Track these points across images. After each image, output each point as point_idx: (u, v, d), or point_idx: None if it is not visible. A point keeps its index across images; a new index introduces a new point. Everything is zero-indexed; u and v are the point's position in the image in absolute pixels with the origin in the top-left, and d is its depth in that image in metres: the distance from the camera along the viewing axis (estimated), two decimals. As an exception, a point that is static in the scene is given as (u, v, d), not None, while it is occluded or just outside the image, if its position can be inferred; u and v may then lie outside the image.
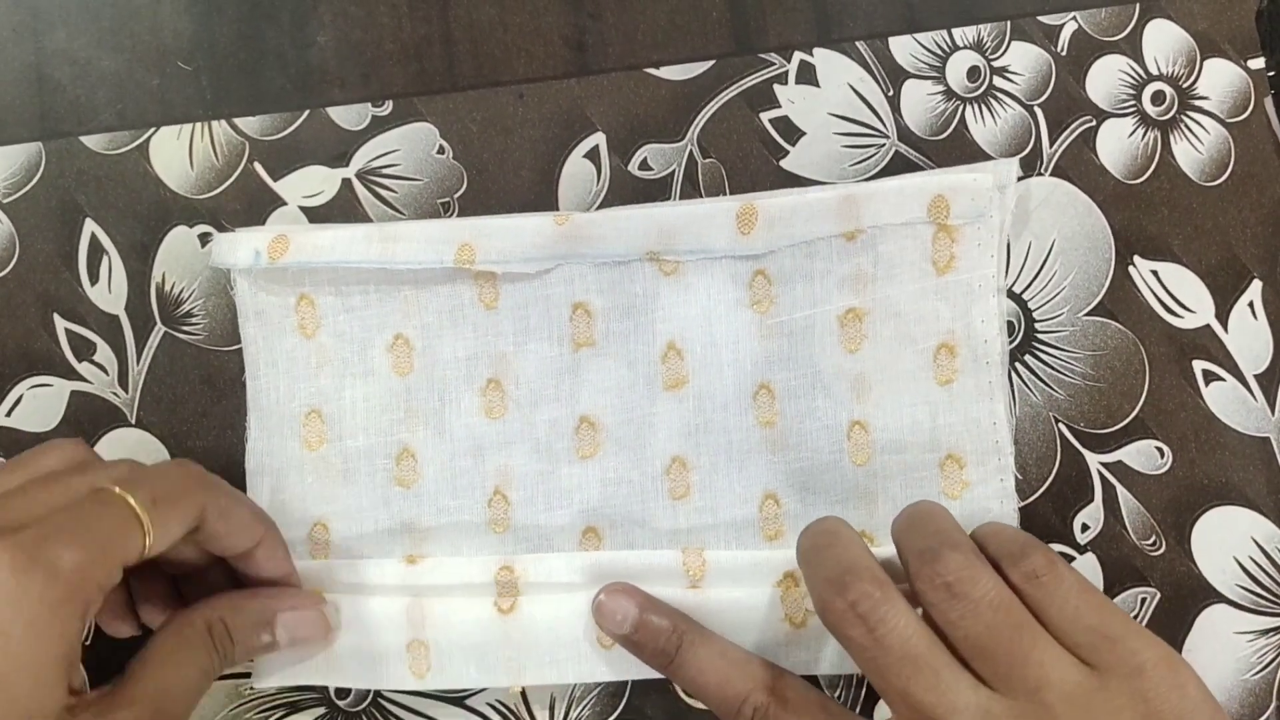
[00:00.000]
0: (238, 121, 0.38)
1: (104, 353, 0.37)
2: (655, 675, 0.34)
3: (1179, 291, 0.36)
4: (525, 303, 0.35)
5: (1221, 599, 0.35)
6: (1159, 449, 0.36)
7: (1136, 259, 0.36)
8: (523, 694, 0.36)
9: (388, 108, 0.37)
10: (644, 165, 0.37)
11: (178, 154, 0.37)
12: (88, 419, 0.37)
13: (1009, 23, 0.37)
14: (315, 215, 0.37)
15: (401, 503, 0.36)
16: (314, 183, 0.37)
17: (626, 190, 0.37)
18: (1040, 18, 0.37)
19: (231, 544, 0.32)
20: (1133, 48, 0.37)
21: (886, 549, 0.33)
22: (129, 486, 0.29)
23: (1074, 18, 0.37)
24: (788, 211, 0.34)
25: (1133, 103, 0.37)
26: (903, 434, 0.35)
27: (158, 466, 0.33)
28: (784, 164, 0.37)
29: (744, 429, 0.35)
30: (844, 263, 0.35)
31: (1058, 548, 0.35)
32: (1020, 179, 0.36)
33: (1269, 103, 0.37)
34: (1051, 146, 0.37)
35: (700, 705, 0.35)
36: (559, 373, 0.35)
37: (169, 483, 0.30)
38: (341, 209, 0.37)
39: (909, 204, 0.34)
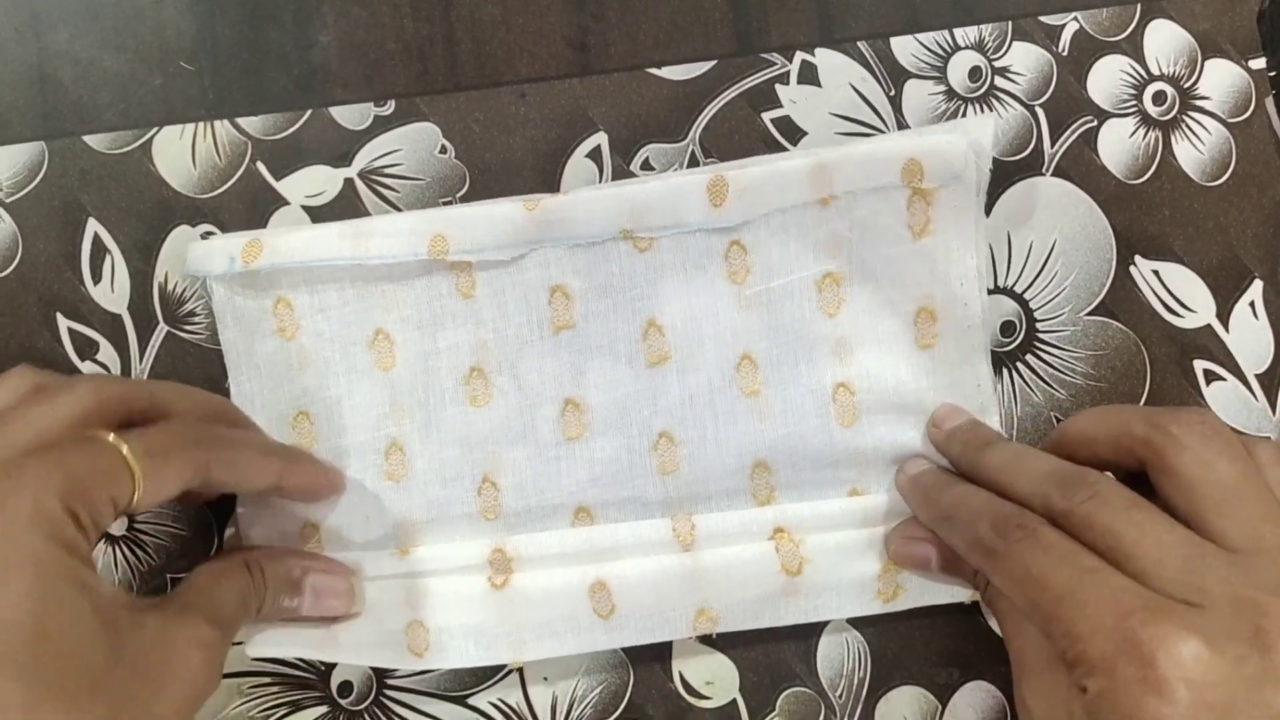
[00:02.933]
0: (240, 121, 0.38)
1: (106, 352, 0.37)
2: (657, 640, 0.35)
3: (1180, 291, 0.36)
4: (502, 289, 0.35)
5: (1222, 598, 0.35)
6: (1160, 448, 0.36)
7: (1137, 259, 0.36)
8: (524, 692, 0.36)
9: (390, 107, 0.37)
10: (646, 165, 0.37)
11: (180, 154, 0.37)
12: (90, 418, 0.37)
13: (1010, 23, 0.37)
14: (318, 215, 0.37)
15: (393, 497, 0.36)
16: (316, 182, 0.37)
17: (628, 190, 0.37)
18: (1041, 18, 0.37)
19: (247, 488, 0.32)
20: (1134, 48, 0.37)
21: (876, 498, 0.34)
22: (123, 435, 0.28)
23: (1075, 18, 0.37)
24: (759, 181, 0.34)
25: (1134, 103, 0.37)
26: (887, 395, 0.35)
27: (158, 427, 0.30)
28: (786, 164, 0.37)
29: (729, 400, 0.35)
30: (819, 227, 0.35)
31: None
32: (992, 136, 0.35)
33: (1270, 103, 0.37)
34: (1053, 146, 0.37)
35: (700, 705, 0.35)
36: (540, 356, 0.35)
37: (165, 437, 0.29)
38: (344, 209, 0.37)
39: (881, 169, 0.34)
